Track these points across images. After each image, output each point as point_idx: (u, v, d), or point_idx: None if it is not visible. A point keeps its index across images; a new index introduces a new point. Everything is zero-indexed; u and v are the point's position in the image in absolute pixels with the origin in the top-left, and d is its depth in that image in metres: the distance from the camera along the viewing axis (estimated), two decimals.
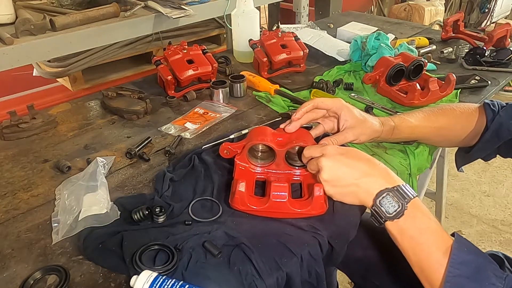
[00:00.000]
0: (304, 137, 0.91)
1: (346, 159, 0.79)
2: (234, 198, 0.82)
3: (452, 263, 0.67)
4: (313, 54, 1.56)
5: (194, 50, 1.34)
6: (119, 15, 1.55)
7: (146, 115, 1.23)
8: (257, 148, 0.95)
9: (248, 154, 0.91)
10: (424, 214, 0.73)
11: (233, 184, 0.87)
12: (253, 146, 0.93)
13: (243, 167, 0.91)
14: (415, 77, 1.29)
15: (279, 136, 0.92)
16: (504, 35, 1.58)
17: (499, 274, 0.66)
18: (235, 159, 0.91)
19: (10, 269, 0.73)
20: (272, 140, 0.90)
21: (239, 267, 0.71)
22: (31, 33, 1.37)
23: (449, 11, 4.37)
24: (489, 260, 0.68)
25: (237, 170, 0.90)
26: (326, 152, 0.81)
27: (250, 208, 0.82)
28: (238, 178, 0.85)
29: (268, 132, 0.92)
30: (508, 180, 2.67)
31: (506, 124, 0.98)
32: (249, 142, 0.90)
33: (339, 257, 0.83)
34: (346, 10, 2.57)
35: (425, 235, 0.71)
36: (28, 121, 1.13)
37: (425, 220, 0.72)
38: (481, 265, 0.67)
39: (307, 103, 0.94)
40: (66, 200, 0.86)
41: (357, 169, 0.78)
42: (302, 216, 0.82)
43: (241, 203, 0.82)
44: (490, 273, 0.66)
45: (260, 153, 0.95)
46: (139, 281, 0.65)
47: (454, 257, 0.67)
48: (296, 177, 0.91)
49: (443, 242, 0.70)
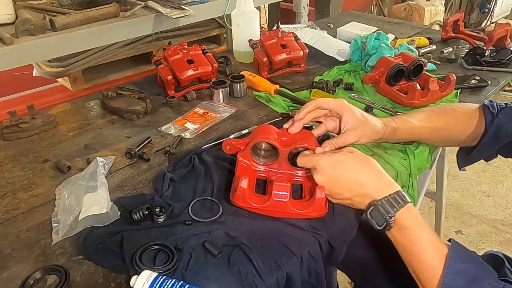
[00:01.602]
0: (308, 139, 0.91)
1: (338, 175, 0.80)
2: (236, 195, 0.82)
3: (446, 274, 0.66)
4: (313, 54, 1.56)
5: (194, 50, 1.34)
6: (119, 15, 1.55)
7: (146, 115, 1.23)
8: (260, 146, 0.95)
9: (251, 151, 0.91)
10: (416, 223, 0.73)
11: (234, 180, 0.87)
12: (257, 144, 0.92)
13: (245, 164, 0.91)
14: (415, 77, 1.29)
15: (283, 135, 0.92)
16: (504, 35, 1.58)
17: (495, 284, 0.65)
18: (238, 155, 0.91)
19: (10, 269, 0.73)
20: (276, 139, 0.90)
21: (239, 267, 0.71)
22: (31, 33, 1.37)
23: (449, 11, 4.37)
24: (486, 269, 0.68)
25: (239, 167, 0.90)
26: (318, 168, 0.82)
27: (251, 206, 0.82)
28: (240, 175, 0.85)
29: (272, 131, 0.92)
30: (508, 180, 2.67)
31: (504, 126, 0.97)
32: (253, 140, 0.89)
33: (339, 257, 0.83)
34: (346, 10, 2.57)
35: (417, 245, 0.72)
36: (28, 121, 1.13)
37: (417, 230, 0.72)
38: (476, 274, 0.66)
39: (309, 103, 0.94)
40: (66, 200, 0.86)
41: (349, 185, 0.80)
42: (302, 217, 0.82)
43: (242, 200, 0.82)
44: (486, 283, 0.65)
45: (263, 151, 0.95)
46: (139, 281, 0.65)
47: (448, 267, 0.67)
48: (297, 178, 0.91)
49: (437, 252, 0.70)
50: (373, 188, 0.78)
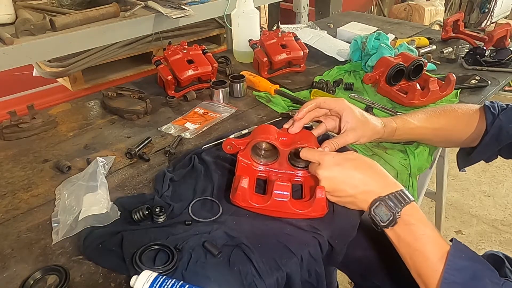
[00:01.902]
0: (308, 139, 0.91)
1: (343, 171, 0.80)
2: (236, 194, 0.82)
3: (447, 270, 0.67)
4: (313, 54, 1.56)
5: (194, 50, 1.34)
6: (119, 15, 1.55)
7: (146, 115, 1.23)
8: (260, 146, 0.95)
9: (251, 151, 0.91)
10: (420, 220, 0.73)
11: (235, 179, 0.87)
12: (257, 144, 0.92)
13: (245, 164, 0.91)
14: (415, 77, 1.29)
15: (283, 135, 0.92)
16: (504, 35, 1.58)
17: (496, 281, 0.66)
18: (238, 155, 0.91)
19: (10, 269, 0.73)
20: (277, 139, 0.90)
21: (239, 267, 0.71)
22: (31, 33, 1.37)
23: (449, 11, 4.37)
24: (487, 267, 0.68)
25: (240, 166, 0.90)
26: (323, 163, 0.82)
27: (251, 205, 0.82)
28: (240, 174, 0.85)
29: (273, 130, 0.92)
30: (508, 180, 2.67)
31: (505, 127, 0.97)
32: (254, 139, 0.89)
33: (339, 257, 0.83)
34: (346, 10, 2.57)
35: (420, 242, 0.72)
36: (28, 121, 1.13)
37: (421, 227, 0.73)
38: (477, 271, 0.67)
39: (309, 103, 0.94)
40: (66, 200, 0.86)
41: (354, 181, 0.79)
42: (303, 217, 0.82)
43: (242, 200, 0.82)
44: (487, 280, 0.66)
45: (264, 151, 0.95)
46: (139, 281, 0.65)
47: (449, 264, 0.67)
48: (297, 178, 0.91)
49: (439, 248, 0.70)
50: (378, 186, 0.78)
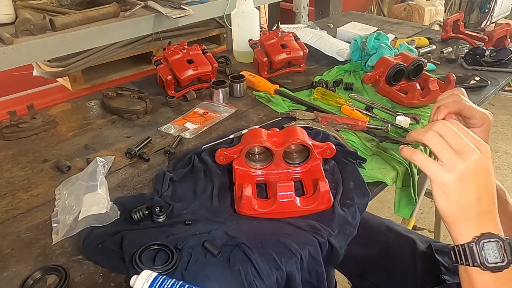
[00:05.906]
0: (297, 134, 0.90)
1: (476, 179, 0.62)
2: (241, 204, 0.81)
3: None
4: (313, 54, 1.56)
5: (194, 50, 1.34)
6: (119, 15, 1.55)
7: (146, 115, 1.23)
8: (253, 151, 0.95)
9: (245, 158, 0.91)
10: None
11: (236, 189, 0.86)
12: (249, 150, 0.92)
13: (242, 172, 0.91)
14: (415, 77, 1.29)
15: (274, 136, 0.92)
16: (504, 35, 1.58)
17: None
18: (233, 164, 0.90)
19: (10, 269, 0.73)
20: (268, 140, 0.90)
21: (239, 267, 0.71)
22: (31, 33, 1.37)
23: (449, 11, 4.37)
24: None
25: (237, 175, 0.89)
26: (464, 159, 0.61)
27: (258, 212, 0.81)
28: (240, 183, 0.84)
29: (262, 133, 0.92)
30: (508, 180, 2.67)
31: None
32: (246, 146, 0.89)
33: (339, 256, 0.82)
34: (346, 10, 2.57)
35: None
36: (28, 121, 1.13)
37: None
38: None
39: (450, 104, 0.80)
40: (66, 200, 0.86)
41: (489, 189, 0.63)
42: (310, 212, 0.82)
43: (248, 208, 0.81)
44: None
45: (257, 155, 0.95)
46: (139, 281, 0.65)
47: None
48: (296, 175, 0.91)
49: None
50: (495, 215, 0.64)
